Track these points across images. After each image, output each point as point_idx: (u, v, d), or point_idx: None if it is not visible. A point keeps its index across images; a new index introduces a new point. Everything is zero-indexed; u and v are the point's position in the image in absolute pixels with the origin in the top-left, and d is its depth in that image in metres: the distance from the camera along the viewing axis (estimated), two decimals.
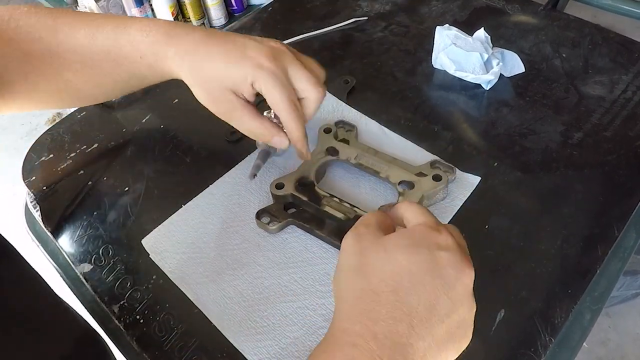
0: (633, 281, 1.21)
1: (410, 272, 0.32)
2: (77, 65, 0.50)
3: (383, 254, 0.33)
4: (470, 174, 0.53)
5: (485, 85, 0.62)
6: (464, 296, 0.33)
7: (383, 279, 0.32)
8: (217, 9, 1.54)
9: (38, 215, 0.56)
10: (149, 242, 0.51)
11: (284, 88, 0.46)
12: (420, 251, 0.33)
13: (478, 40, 0.62)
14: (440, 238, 0.34)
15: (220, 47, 0.47)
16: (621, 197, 0.51)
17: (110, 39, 0.49)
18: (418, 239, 0.34)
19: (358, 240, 0.35)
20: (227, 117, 0.49)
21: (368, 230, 0.36)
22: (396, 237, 0.34)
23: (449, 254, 0.33)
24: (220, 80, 0.47)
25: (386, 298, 0.32)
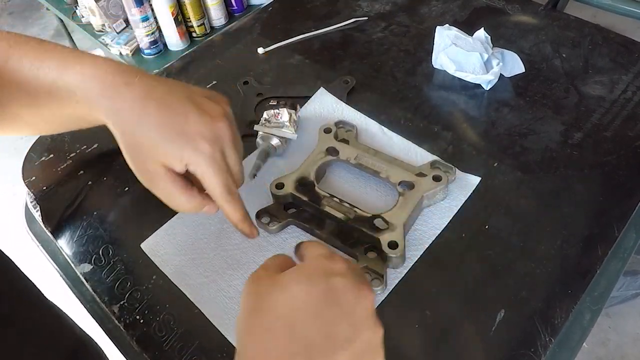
0: (633, 281, 1.21)
1: (305, 303, 0.32)
2: (23, 101, 0.47)
3: (279, 290, 0.34)
4: (470, 174, 0.53)
5: (485, 86, 0.62)
6: (365, 319, 0.33)
7: (278, 315, 0.32)
8: (217, 9, 1.54)
9: (38, 215, 0.56)
10: (149, 246, 0.51)
11: (221, 174, 0.44)
12: (315, 281, 0.33)
13: (478, 40, 0.62)
14: (335, 266, 0.34)
15: (158, 113, 0.44)
16: (621, 197, 0.51)
17: (50, 78, 0.46)
18: (312, 270, 0.34)
19: (256, 282, 0.35)
20: (153, 189, 0.46)
21: (266, 273, 0.36)
22: (291, 272, 0.35)
23: (344, 280, 0.33)
24: (152, 152, 0.44)
25: (282, 334, 0.32)
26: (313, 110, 0.62)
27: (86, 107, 0.46)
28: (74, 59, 0.46)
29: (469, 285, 0.46)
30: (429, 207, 0.51)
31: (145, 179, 0.46)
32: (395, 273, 0.47)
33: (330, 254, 0.36)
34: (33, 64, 0.46)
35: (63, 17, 1.96)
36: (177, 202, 0.46)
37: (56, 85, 0.46)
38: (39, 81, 0.46)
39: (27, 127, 0.52)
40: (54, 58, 0.46)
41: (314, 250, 0.37)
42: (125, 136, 0.45)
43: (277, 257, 0.38)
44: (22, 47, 0.47)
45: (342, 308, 0.32)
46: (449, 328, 0.44)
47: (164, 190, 0.45)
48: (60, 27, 2.22)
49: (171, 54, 1.57)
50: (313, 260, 0.36)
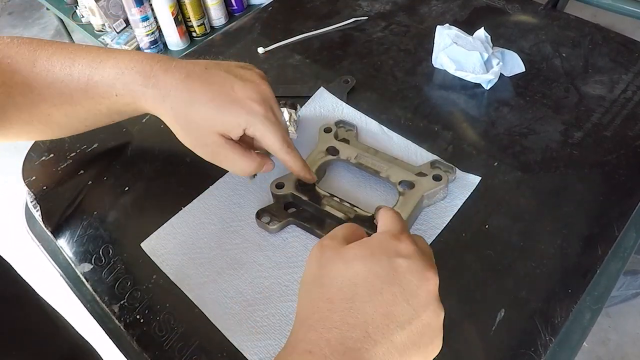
0: (633, 281, 1.21)
1: (367, 280, 0.33)
2: (56, 100, 0.48)
3: (341, 264, 0.34)
4: (471, 173, 0.53)
5: (486, 85, 0.62)
6: (427, 302, 0.33)
7: (340, 287, 0.33)
8: (217, 8, 1.54)
9: (38, 215, 0.56)
10: (149, 245, 0.51)
11: (278, 131, 0.47)
12: (378, 260, 0.34)
13: (478, 40, 0.62)
14: (400, 246, 0.34)
15: (205, 89, 0.46)
16: (621, 197, 0.51)
17: (85, 75, 0.47)
18: (377, 248, 0.34)
19: (321, 252, 0.36)
20: (216, 160, 0.48)
21: (332, 242, 0.36)
22: (356, 247, 0.35)
23: (408, 262, 0.34)
24: (209, 125, 0.46)
25: (340, 305, 0.32)
26: (313, 109, 0.62)
27: (128, 98, 0.48)
28: (106, 54, 0.48)
29: (469, 285, 0.46)
30: (429, 207, 0.51)
31: (206, 152, 0.48)
32: None
33: (398, 232, 0.36)
34: (64, 64, 0.47)
35: (63, 17, 1.96)
36: (241, 165, 0.48)
37: (93, 80, 0.47)
38: (72, 79, 0.47)
39: (58, 128, 0.53)
40: (85, 56, 0.48)
41: (386, 224, 0.37)
42: (177, 119, 0.47)
43: (346, 227, 0.38)
44: (48, 49, 0.48)
45: (403, 289, 0.33)
46: (449, 328, 0.43)
47: (226, 158, 0.48)
48: (60, 27, 2.22)
49: (171, 54, 1.57)
50: (380, 237, 0.36)
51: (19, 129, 0.51)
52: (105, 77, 0.47)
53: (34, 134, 0.54)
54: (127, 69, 0.47)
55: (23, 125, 0.50)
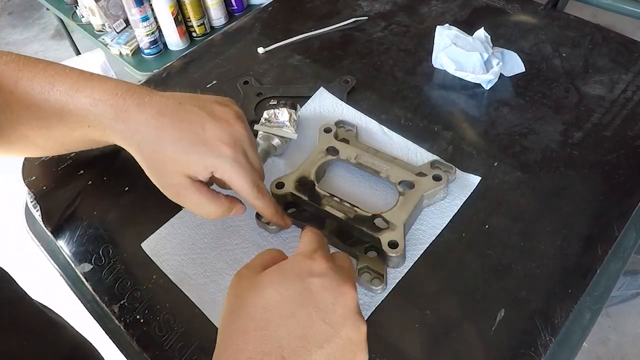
0: (633, 281, 1.21)
1: (279, 305, 0.33)
2: (33, 123, 0.48)
3: (254, 292, 0.34)
4: (471, 174, 0.53)
5: (485, 85, 0.62)
6: (345, 317, 0.33)
7: (253, 317, 0.33)
8: (217, 8, 1.54)
9: (38, 215, 0.56)
10: (149, 245, 0.51)
11: (248, 175, 0.45)
12: (291, 282, 0.34)
13: (478, 40, 0.62)
14: (313, 265, 0.35)
15: (175, 127, 0.44)
16: (621, 197, 0.51)
17: (61, 102, 0.46)
18: (289, 271, 0.35)
19: (237, 283, 0.36)
20: (181, 201, 0.47)
21: (248, 272, 0.36)
22: (269, 273, 0.35)
23: (322, 280, 0.34)
24: (175, 165, 0.45)
25: (254, 335, 0.32)
26: (313, 110, 0.62)
27: (99, 130, 0.47)
28: (84, 82, 0.47)
29: (469, 285, 0.46)
30: (429, 207, 0.51)
31: (172, 193, 0.47)
32: (396, 272, 0.47)
33: (313, 251, 0.36)
34: (44, 87, 0.47)
35: (63, 17, 1.96)
36: (207, 209, 0.46)
37: (67, 109, 0.47)
38: (49, 104, 0.47)
39: (35, 149, 0.53)
40: (64, 81, 0.47)
41: (301, 245, 0.38)
42: (145, 156, 0.46)
43: (264, 254, 0.38)
44: (32, 70, 0.47)
45: (318, 308, 0.33)
46: (449, 328, 0.43)
47: (191, 201, 0.46)
48: (60, 27, 2.22)
49: (171, 54, 1.57)
50: (293, 259, 0.36)
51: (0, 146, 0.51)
52: (79, 106, 0.46)
53: (14, 152, 0.53)
54: (101, 101, 0.46)
55: (3, 143, 0.50)
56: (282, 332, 0.32)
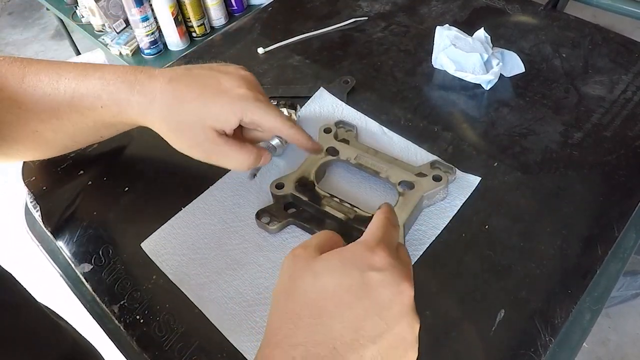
0: (633, 281, 1.21)
1: (335, 295, 0.32)
2: (43, 115, 0.48)
3: (311, 277, 0.33)
4: (471, 174, 0.53)
5: (485, 85, 0.62)
6: (401, 315, 0.32)
7: (307, 303, 0.32)
8: (217, 9, 1.54)
9: (38, 215, 0.56)
10: (149, 245, 0.51)
11: (274, 110, 0.47)
12: (349, 273, 0.32)
13: (478, 41, 0.62)
14: (374, 258, 0.33)
15: (191, 87, 0.46)
16: (621, 197, 0.51)
17: (71, 88, 0.47)
18: (349, 260, 0.33)
19: (292, 262, 0.35)
20: (212, 158, 0.48)
21: (304, 252, 0.35)
22: (327, 259, 0.34)
23: (381, 275, 0.32)
24: (200, 121, 0.46)
25: (307, 322, 0.32)
26: (313, 110, 0.62)
27: (114, 108, 0.47)
28: (92, 68, 0.48)
29: (469, 286, 0.46)
30: (429, 207, 0.51)
31: (200, 152, 0.48)
32: None
33: (376, 243, 0.34)
34: (51, 78, 0.48)
35: (63, 17, 1.96)
36: (238, 159, 0.48)
37: (79, 92, 0.47)
38: (59, 92, 0.47)
39: (46, 146, 0.53)
40: (71, 70, 0.48)
41: (367, 232, 0.36)
42: (167, 122, 0.47)
43: (322, 235, 0.37)
44: (37, 66, 0.48)
45: (374, 303, 0.32)
46: (449, 328, 0.44)
47: (222, 154, 0.47)
48: (60, 27, 2.22)
49: (171, 54, 1.57)
50: (354, 248, 0.34)
51: (8, 148, 0.51)
52: (91, 88, 0.47)
53: (22, 153, 0.54)
54: (112, 80, 0.47)
55: (12, 143, 0.50)
56: (336, 323, 0.31)
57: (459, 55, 0.62)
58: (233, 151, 0.47)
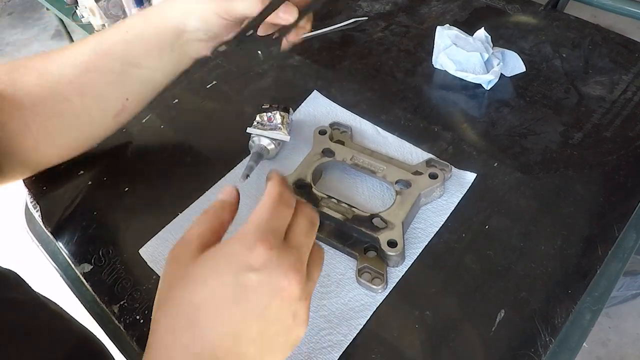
0: (633, 281, 1.21)
1: (209, 302, 0.30)
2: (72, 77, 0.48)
3: (185, 285, 0.31)
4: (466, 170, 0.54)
5: (486, 85, 0.62)
6: (282, 309, 0.31)
7: (181, 314, 0.31)
8: None
9: (38, 216, 0.56)
10: (147, 252, 0.51)
11: None
12: (223, 279, 0.30)
13: (478, 40, 0.62)
14: (250, 257, 0.30)
15: None
16: (621, 198, 0.51)
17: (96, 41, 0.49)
18: (223, 264, 0.31)
19: (170, 266, 0.33)
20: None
21: (182, 253, 0.33)
22: (202, 264, 0.32)
23: (259, 275, 0.30)
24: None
25: (183, 335, 0.30)
26: (307, 112, 0.62)
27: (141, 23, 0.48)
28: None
29: (469, 286, 0.46)
30: (427, 205, 0.52)
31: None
32: (395, 272, 0.47)
33: (255, 238, 0.31)
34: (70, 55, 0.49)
35: (63, 17, 1.96)
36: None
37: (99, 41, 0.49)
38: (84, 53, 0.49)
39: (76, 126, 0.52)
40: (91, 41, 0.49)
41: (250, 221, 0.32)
42: None
43: (202, 224, 0.34)
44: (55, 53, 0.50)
45: (253, 305, 0.30)
46: (449, 328, 0.43)
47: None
48: (60, 27, 2.22)
49: None
50: (230, 248, 0.32)
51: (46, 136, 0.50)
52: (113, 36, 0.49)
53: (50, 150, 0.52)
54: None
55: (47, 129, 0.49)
56: (214, 333, 0.30)
57: (459, 55, 0.62)
58: None
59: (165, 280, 0.33)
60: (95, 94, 0.49)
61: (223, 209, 0.35)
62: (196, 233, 0.33)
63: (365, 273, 0.46)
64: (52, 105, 0.48)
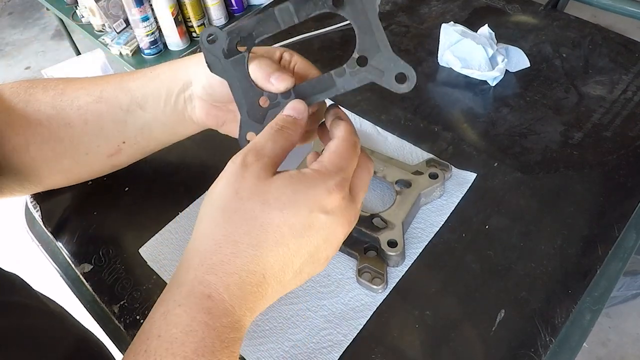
0: (633, 281, 1.21)
1: (278, 229, 0.32)
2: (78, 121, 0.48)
3: (259, 204, 0.32)
4: (466, 170, 0.53)
5: (491, 82, 0.63)
6: (325, 252, 0.34)
7: (248, 231, 0.32)
8: (217, 9, 1.54)
9: (38, 216, 0.56)
10: (147, 252, 0.51)
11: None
12: (298, 211, 0.32)
13: (483, 37, 0.63)
14: (326, 200, 0.32)
15: None
16: (621, 198, 0.51)
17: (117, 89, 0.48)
18: (301, 197, 0.32)
19: (241, 174, 0.32)
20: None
21: (256, 165, 0.33)
22: (279, 188, 0.32)
23: (327, 219, 0.32)
24: None
25: (245, 251, 0.32)
26: None
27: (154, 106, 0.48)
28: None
29: (469, 286, 0.46)
30: (427, 205, 0.52)
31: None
32: (396, 271, 0.47)
33: (335, 182, 0.33)
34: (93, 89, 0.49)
35: (63, 17, 1.96)
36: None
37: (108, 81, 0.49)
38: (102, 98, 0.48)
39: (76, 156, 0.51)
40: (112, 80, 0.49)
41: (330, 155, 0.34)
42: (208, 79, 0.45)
43: (275, 141, 0.34)
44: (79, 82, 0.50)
45: (309, 244, 0.33)
46: (449, 328, 0.43)
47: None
48: (60, 27, 2.22)
49: (171, 54, 1.57)
50: (311, 181, 0.33)
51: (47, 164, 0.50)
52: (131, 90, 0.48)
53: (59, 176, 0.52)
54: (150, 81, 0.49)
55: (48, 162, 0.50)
56: (271, 256, 0.32)
57: (464, 53, 0.63)
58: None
59: (232, 187, 0.32)
60: (97, 126, 0.49)
61: (295, 129, 0.36)
62: (270, 148, 0.34)
63: (366, 273, 0.46)
64: (54, 128, 0.48)
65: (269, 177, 0.33)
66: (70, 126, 0.49)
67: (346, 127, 0.36)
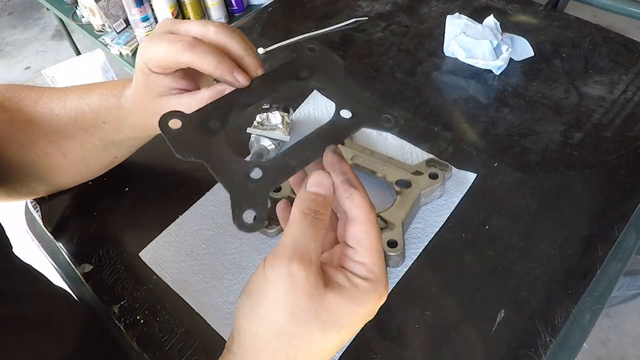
0: (633, 281, 1.21)
1: (332, 347, 0.30)
2: (52, 136, 0.49)
3: (319, 331, 0.29)
4: (466, 170, 0.53)
5: (496, 71, 0.63)
6: (345, 338, 0.31)
7: (309, 354, 0.29)
8: (217, 9, 1.54)
9: (38, 216, 0.56)
10: (147, 254, 0.51)
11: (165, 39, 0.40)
12: (353, 324, 0.30)
13: (487, 27, 0.63)
14: (377, 305, 0.30)
15: None
16: (621, 198, 0.51)
17: (75, 106, 0.48)
18: (359, 317, 0.30)
19: (291, 289, 0.28)
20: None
21: (306, 277, 0.28)
22: (336, 308, 0.29)
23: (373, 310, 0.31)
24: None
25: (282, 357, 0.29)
26: (307, 112, 0.62)
27: (114, 124, 0.48)
28: (94, 86, 0.49)
29: (469, 285, 0.46)
30: (427, 205, 0.52)
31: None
32: (395, 272, 0.47)
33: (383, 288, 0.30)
34: (59, 99, 0.49)
35: (63, 17, 1.96)
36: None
37: (81, 110, 0.48)
38: (65, 112, 0.48)
39: (57, 172, 0.52)
40: (77, 89, 0.49)
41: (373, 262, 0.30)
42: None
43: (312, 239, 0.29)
44: (51, 90, 0.50)
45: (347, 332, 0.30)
46: (449, 328, 0.44)
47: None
48: (60, 27, 2.22)
49: None
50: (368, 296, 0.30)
51: (20, 172, 0.50)
52: (91, 104, 0.48)
53: (34, 185, 0.53)
54: (110, 94, 0.47)
55: (24, 168, 0.50)
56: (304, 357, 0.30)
57: (469, 43, 0.63)
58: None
59: (286, 306, 0.28)
60: (78, 159, 0.52)
61: (327, 210, 0.31)
62: (313, 249, 0.29)
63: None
64: (70, 131, 0.49)
65: (321, 291, 0.29)
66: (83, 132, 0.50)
67: (365, 206, 0.31)
